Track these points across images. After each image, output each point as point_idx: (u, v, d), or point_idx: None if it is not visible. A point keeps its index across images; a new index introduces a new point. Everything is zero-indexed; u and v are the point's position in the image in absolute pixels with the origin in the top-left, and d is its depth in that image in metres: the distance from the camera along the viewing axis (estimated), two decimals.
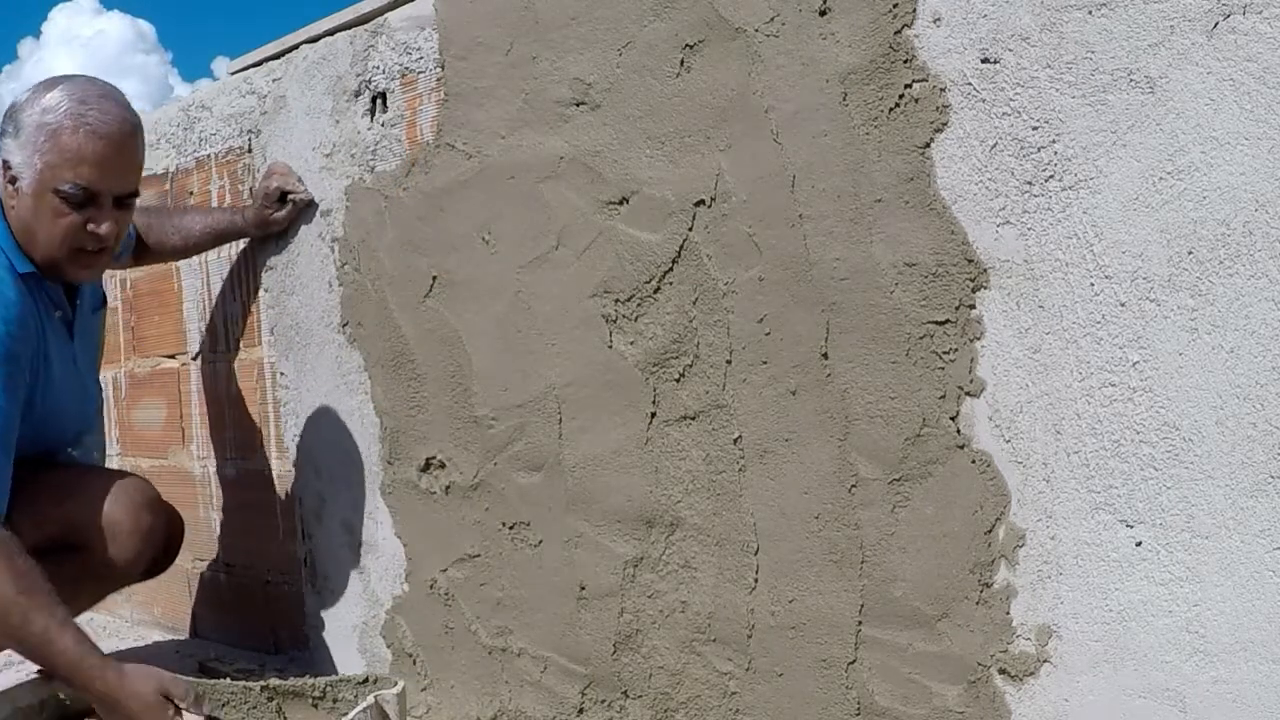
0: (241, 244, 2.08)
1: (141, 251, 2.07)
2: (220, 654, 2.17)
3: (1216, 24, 0.96)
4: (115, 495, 1.74)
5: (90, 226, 1.60)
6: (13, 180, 1.60)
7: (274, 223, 1.94)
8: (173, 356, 2.34)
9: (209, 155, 2.16)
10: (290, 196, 1.90)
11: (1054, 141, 1.07)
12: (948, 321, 1.15)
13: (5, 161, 1.61)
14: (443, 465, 1.71)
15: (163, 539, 1.83)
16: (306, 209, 1.92)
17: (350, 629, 1.92)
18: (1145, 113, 1.01)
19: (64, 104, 1.56)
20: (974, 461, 1.14)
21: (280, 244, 1.99)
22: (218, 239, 2.05)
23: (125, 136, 1.60)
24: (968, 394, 1.14)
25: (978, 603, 1.15)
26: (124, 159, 1.61)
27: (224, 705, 1.56)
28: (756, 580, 1.33)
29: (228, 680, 1.60)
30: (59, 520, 1.70)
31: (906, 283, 1.17)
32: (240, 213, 1.99)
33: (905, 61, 1.16)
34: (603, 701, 1.52)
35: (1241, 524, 0.98)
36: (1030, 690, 1.12)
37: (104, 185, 1.59)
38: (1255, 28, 0.94)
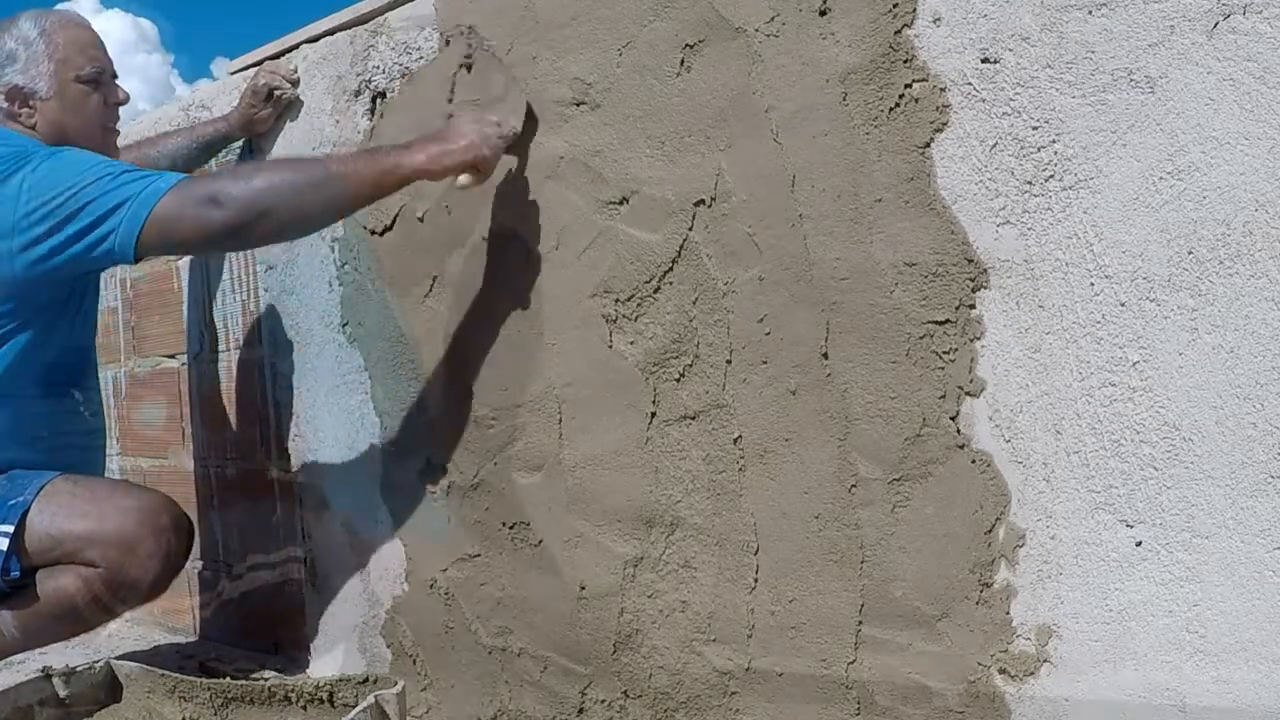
0: None
1: None
2: (220, 654, 2.17)
3: (1216, 24, 0.96)
4: (140, 514, 1.72)
5: (110, 100, 1.85)
6: (27, 99, 1.78)
7: (259, 121, 1.98)
8: (173, 356, 2.34)
9: None
10: (276, 93, 1.94)
11: (1054, 141, 1.06)
12: (948, 321, 1.15)
13: (14, 87, 1.78)
14: (443, 465, 1.71)
15: (182, 560, 1.81)
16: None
17: (350, 629, 1.92)
18: (1145, 113, 1.01)
19: (40, 18, 1.80)
20: (974, 461, 1.14)
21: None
22: (207, 150, 2.08)
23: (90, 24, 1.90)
24: (968, 394, 1.14)
25: (978, 603, 1.15)
26: (101, 40, 1.88)
27: (226, 704, 1.56)
28: (756, 580, 1.33)
29: (229, 680, 1.60)
30: (79, 536, 1.69)
31: (906, 283, 1.17)
32: (225, 119, 2.04)
33: (905, 61, 1.16)
34: (603, 701, 1.52)
35: (1241, 524, 0.98)
36: (1030, 690, 1.12)
37: (106, 60, 1.85)
38: (1255, 28, 0.94)
